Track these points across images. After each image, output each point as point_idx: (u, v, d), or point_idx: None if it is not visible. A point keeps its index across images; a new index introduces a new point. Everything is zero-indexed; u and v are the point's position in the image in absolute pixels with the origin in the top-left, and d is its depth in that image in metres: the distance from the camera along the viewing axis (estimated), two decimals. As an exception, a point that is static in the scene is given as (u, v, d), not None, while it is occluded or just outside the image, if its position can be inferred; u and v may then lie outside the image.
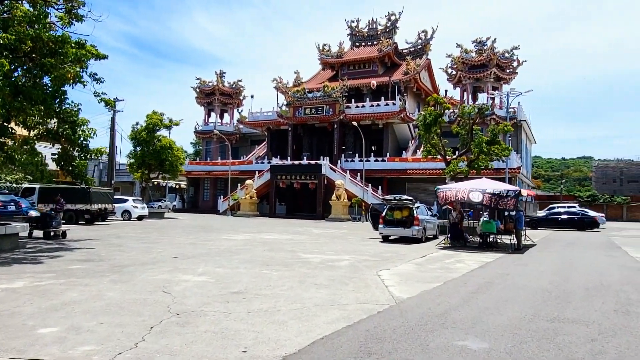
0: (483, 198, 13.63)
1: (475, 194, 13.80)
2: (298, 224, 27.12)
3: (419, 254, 12.72)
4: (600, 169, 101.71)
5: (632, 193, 73.38)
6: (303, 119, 39.68)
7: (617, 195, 63.55)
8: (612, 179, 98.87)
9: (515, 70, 36.00)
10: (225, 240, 15.29)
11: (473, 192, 13.86)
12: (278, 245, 14.02)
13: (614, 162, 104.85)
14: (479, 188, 14.15)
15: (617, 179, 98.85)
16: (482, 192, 13.80)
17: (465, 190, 14.04)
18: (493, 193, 13.61)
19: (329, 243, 15.33)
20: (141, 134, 29.59)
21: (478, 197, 13.72)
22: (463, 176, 22.85)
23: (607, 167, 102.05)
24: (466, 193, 13.94)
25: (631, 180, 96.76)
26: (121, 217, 25.76)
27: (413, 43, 47.93)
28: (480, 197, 13.74)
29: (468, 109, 22.75)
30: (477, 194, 13.80)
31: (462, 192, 14.02)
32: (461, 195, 13.97)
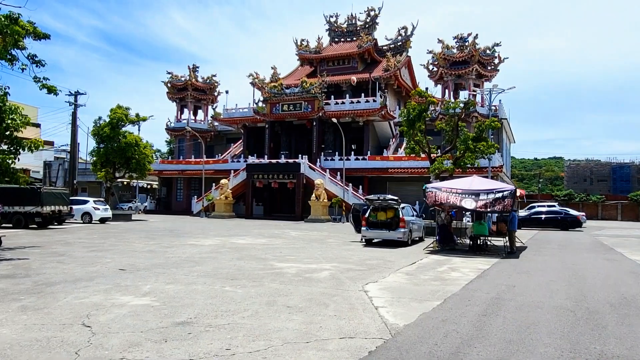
0: (477, 205, 12.37)
1: (469, 202, 12.51)
2: (275, 226, 25.54)
3: (408, 260, 11.38)
4: (572, 169, 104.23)
5: (602, 192, 74.99)
6: (280, 115, 38.05)
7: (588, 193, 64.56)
8: (583, 178, 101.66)
9: (496, 67, 35.38)
10: (190, 247, 13.60)
11: (465, 199, 12.55)
12: (250, 252, 12.44)
13: (584, 162, 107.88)
14: (472, 189, 12.92)
15: (588, 178, 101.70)
16: (476, 199, 12.51)
17: (457, 196, 12.74)
18: (487, 199, 12.36)
19: (307, 248, 13.85)
20: (104, 129, 27.34)
21: (471, 204, 12.45)
22: (448, 174, 21.76)
23: (578, 167, 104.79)
24: (458, 199, 12.65)
25: (601, 179, 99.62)
26: (81, 220, 23.57)
27: (393, 39, 46.97)
28: (473, 204, 12.46)
29: (453, 104, 21.67)
30: (469, 201, 12.51)
31: (453, 197, 12.72)
32: (453, 200, 12.67)
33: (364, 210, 15.77)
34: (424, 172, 34.58)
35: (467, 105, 20.22)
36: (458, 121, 20.51)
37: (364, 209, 15.81)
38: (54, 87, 12.44)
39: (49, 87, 12.25)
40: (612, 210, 57.04)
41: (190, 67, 44.03)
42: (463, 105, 20.24)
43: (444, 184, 13.84)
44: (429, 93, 44.94)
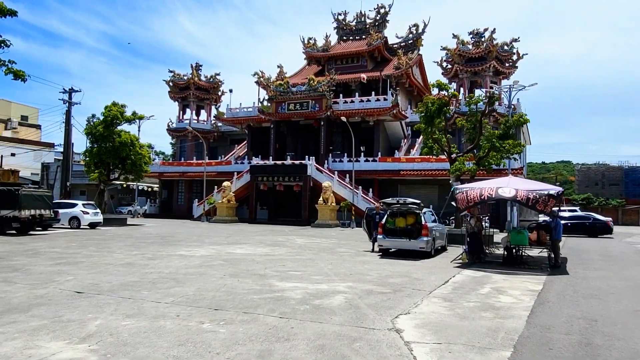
0: (517, 194, 10.39)
1: (506, 189, 10.58)
2: (280, 232, 23.57)
3: (438, 277, 9.34)
4: (583, 173, 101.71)
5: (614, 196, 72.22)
6: (286, 115, 36.18)
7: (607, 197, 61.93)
8: (595, 182, 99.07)
9: (515, 64, 33.25)
10: (178, 258, 11.65)
11: (503, 188, 10.64)
12: (247, 266, 10.47)
13: (595, 166, 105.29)
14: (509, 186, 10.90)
15: (599, 182, 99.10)
16: (515, 188, 10.59)
17: (492, 188, 10.79)
18: (530, 193, 10.36)
19: (315, 260, 11.85)
20: (97, 128, 25.61)
21: (510, 192, 10.49)
22: (470, 176, 19.68)
23: (589, 171, 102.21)
24: (493, 190, 10.69)
25: (613, 183, 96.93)
26: (68, 224, 21.77)
27: (404, 37, 45.05)
28: (512, 192, 10.50)
29: (475, 99, 19.62)
30: (507, 189, 10.58)
31: (488, 190, 10.74)
32: (487, 193, 10.68)
33: (379, 216, 13.77)
34: (438, 174, 32.50)
35: (491, 99, 18.16)
36: (482, 117, 18.44)
37: (379, 214, 13.82)
38: (21, 72, 10.70)
39: (16, 72, 10.46)
40: (633, 215, 54.48)
41: (193, 66, 42.40)
42: (487, 100, 18.17)
43: (475, 184, 11.79)
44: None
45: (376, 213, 14.23)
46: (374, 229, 14.06)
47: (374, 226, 14.10)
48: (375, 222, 13.88)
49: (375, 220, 13.95)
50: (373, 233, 14.06)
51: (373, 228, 14.15)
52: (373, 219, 14.32)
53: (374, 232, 13.77)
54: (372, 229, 14.16)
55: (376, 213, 14.23)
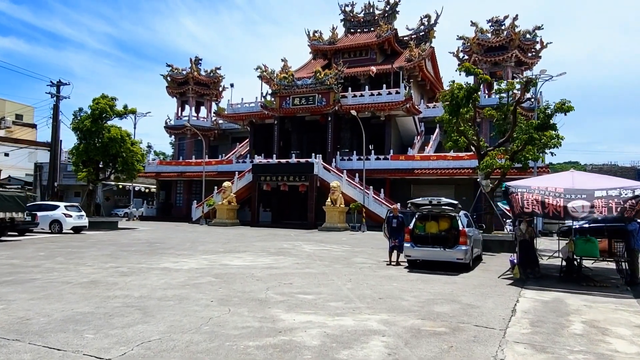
0: (595, 209, 7.92)
1: (578, 203, 8.07)
2: (284, 236, 21.27)
3: (497, 302, 6.99)
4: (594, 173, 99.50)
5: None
6: (291, 110, 33.90)
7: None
8: None
9: (538, 53, 30.82)
10: (159, 274, 9.36)
11: (574, 200, 8.12)
12: (243, 285, 8.17)
13: (607, 166, 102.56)
14: (580, 188, 8.50)
15: None
16: (590, 199, 8.10)
17: (559, 197, 8.32)
18: (615, 199, 7.93)
19: (329, 275, 9.52)
20: (84, 122, 23.42)
21: (585, 209, 8.01)
22: (500, 174, 17.31)
23: (601, 171, 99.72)
24: (561, 200, 8.23)
25: None
26: (49, 229, 19.57)
27: (415, 29, 42.74)
28: (585, 207, 8.02)
29: (507, 85, 17.25)
30: (581, 203, 8.07)
31: (554, 198, 8.30)
32: (554, 204, 8.23)
33: (399, 219, 11.35)
34: (455, 173, 30.08)
35: (528, 84, 15.75)
36: (517, 105, 16.05)
37: (398, 218, 11.40)
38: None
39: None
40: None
41: (192, 60, 40.24)
42: (524, 85, 15.77)
43: (531, 182, 9.39)
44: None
45: (394, 216, 11.49)
46: (394, 235, 11.30)
47: (392, 231, 11.37)
48: (394, 227, 11.26)
49: (393, 226, 11.27)
50: (393, 241, 11.30)
51: (391, 234, 11.38)
52: (390, 224, 11.43)
53: (397, 239, 11.22)
54: (396, 235, 11.46)
55: (394, 216, 11.49)
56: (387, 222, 11.51)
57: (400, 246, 11.00)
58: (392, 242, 11.30)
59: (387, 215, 11.80)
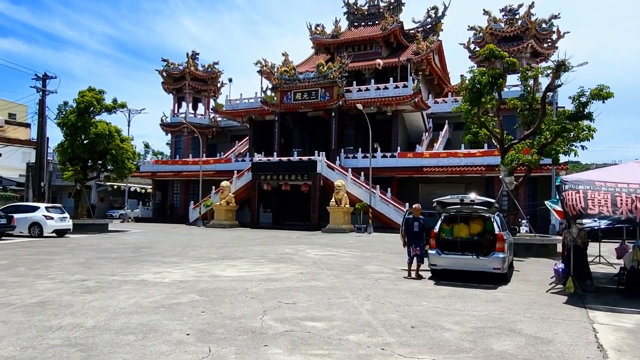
0: None
1: None
2: (286, 239, 19.54)
3: (566, 331, 5.24)
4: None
5: None
6: (293, 106, 32.19)
7: None
8: None
9: (555, 43, 29.06)
10: (131, 289, 7.64)
11: None
12: (234, 307, 6.44)
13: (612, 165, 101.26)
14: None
15: None
16: None
17: (632, 195, 6.57)
18: None
19: (341, 290, 7.78)
20: (69, 117, 21.72)
21: None
22: (526, 170, 15.56)
23: None
24: (638, 202, 6.47)
25: None
26: (28, 232, 17.88)
27: (421, 22, 40.96)
28: None
29: (533, 71, 15.51)
30: None
31: (627, 195, 6.55)
32: (627, 203, 6.48)
33: (420, 222, 9.54)
34: (467, 171, 28.30)
35: (559, 68, 13.97)
36: (547, 92, 14.30)
37: (420, 220, 9.45)
38: None
39: None
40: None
41: (189, 54, 38.56)
42: (555, 69, 14.00)
43: (589, 175, 7.63)
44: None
45: (414, 218, 9.33)
46: (415, 242, 9.15)
47: (412, 237, 9.16)
48: (415, 232, 9.12)
49: (414, 230, 9.12)
50: (414, 248, 9.16)
51: (411, 240, 9.17)
52: (410, 227, 9.18)
53: (418, 247, 9.16)
54: (417, 242, 9.27)
55: (414, 218, 9.33)
56: (405, 226, 9.37)
57: (422, 255, 9.12)
58: (412, 250, 9.23)
59: (406, 217, 9.79)
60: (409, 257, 9.32)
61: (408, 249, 9.22)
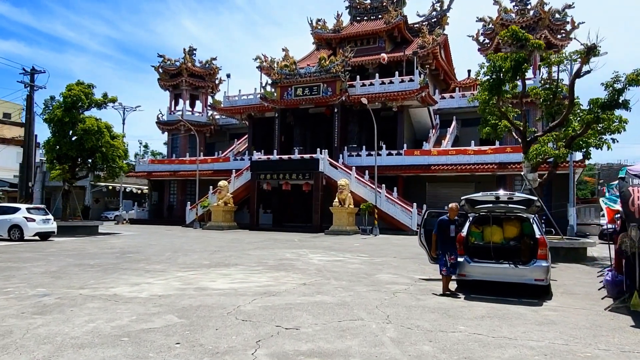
0: None
1: None
2: (287, 242, 18.15)
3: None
4: (603, 173, 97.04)
5: None
6: (294, 102, 30.80)
7: None
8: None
9: (569, 34, 27.64)
10: (97, 308, 6.24)
11: None
12: (218, 335, 5.04)
13: (617, 165, 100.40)
14: None
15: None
16: None
17: None
18: None
19: (353, 307, 6.37)
20: (55, 112, 20.36)
21: None
22: (552, 166, 14.15)
23: (610, 170, 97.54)
24: None
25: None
26: (8, 235, 16.51)
27: (426, 16, 39.64)
28: None
29: (556, 57, 14.10)
30: None
31: None
32: None
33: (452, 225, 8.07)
34: (477, 169, 26.85)
35: (590, 52, 12.55)
36: (575, 78, 12.90)
37: (455, 222, 7.90)
38: None
39: None
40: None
41: (185, 50, 37.22)
42: (585, 52, 12.58)
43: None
44: (468, 80, 37.05)
45: (450, 220, 7.46)
46: (449, 249, 7.38)
47: (446, 243, 7.41)
48: (450, 238, 7.36)
49: (450, 235, 7.35)
50: (449, 257, 7.34)
51: (445, 247, 7.42)
52: (444, 231, 7.40)
53: (453, 255, 7.35)
54: (453, 249, 7.44)
55: (450, 220, 7.46)
56: (439, 229, 7.43)
57: (456, 264, 7.43)
58: (447, 259, 7.32)
59: (439, 218, 7.64)
60: (444, 268, 7.34)
61: (442, 258, 7.42)
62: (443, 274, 7.39)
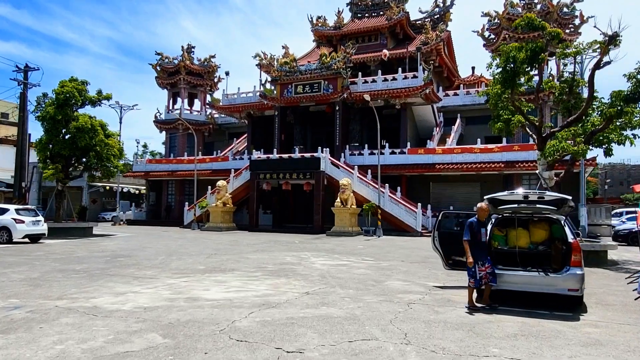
0: None
1: None
2: (287, 244, 17.34)
3: None
4: (606, 171, 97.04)
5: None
6: (294, 99, 30.00)
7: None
8: (619, 181, 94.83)
9: (578, 29, 26.84)
10: (70, 324, 5.44)
11: None
12: (205, 357, 4.22)
13: (620, 165, 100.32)
14: None
15: (625, 181, 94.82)
16: None
17: None
18: None
19: (364, 323, 5.57)
20: (47, 109, 19.58)
21: None
22: (569, 164, 13.36)
23: (613, 170, 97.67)
24: None
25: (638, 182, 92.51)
26: (-6, 238, 15.75)
27: (429, 12, 38.81)
28: None
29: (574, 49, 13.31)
30: None
31: None
32: None
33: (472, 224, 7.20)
34: (483, 168, 26.00)
35: (611, 41, 11.75)
36: (595, 69, 12.10)
37: (481, 223, 6.54)
38: None
39: None
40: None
41: (184, 47, 36.43)
42: (605, 43, 11.78)
43: None
44: (472, 78, 36.16)
45: (480, 222, 6.50)
46: (481, 256, 6.36)
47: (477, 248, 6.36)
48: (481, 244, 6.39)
49: (482, 240, 6.40)
50: (484, 266, 6.34)
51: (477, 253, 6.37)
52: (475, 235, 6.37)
53: (488, 263, 6.36)
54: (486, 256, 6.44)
55: (480, 222, 6.50)
56: (470, 232, 6.34)
57: (494, 272, 6.41)
58: (478, 270, 6.31)
59: (469, 220, 6.53)
60: (474, 280, 6.31)
61: (474, 267, 6.29)
62: (470, 286, 6.39)
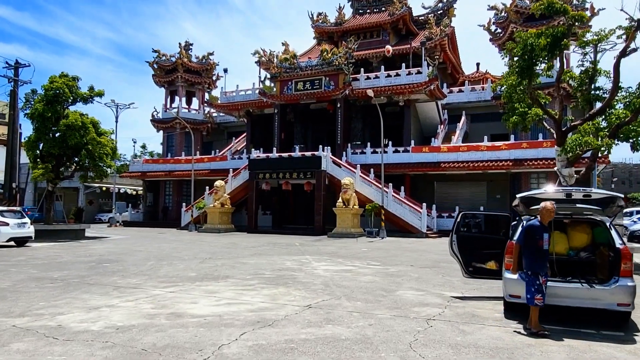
0: None
1: None
2: (288, 247, 16.39)
3: None
4: (607, 172, 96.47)
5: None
6: (294, 97, 29.07)
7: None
8: (622, 181, 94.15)
9: (588, 21, 25.79)
10: (21, 351, 4.46)
11: None
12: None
13: (622, 164, 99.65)
14: None
15: (627, 180, 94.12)
16: None
17: None
18: None
19: (380, 349, 4.61)
20: (36, 106, 18.66)
21: None
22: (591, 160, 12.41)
23: (615, 169, 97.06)
24: None
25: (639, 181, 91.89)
26: (-25, 242, 14.84)
27: (432, 7, 37.88)
28: None
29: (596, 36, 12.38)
30: None
31: None
32: None
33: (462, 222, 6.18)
34: (490, 166, 25.03)
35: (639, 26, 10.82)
36: (621, 57, 11.16)
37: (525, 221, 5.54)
38: None
39: None
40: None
41: (181, 45, 35.52)
42: (633, 29, 10.83)
43: None
44: (477, 74, 35.15)
45: (542, 226, 5.17)
46: (541, 266, 5.17)
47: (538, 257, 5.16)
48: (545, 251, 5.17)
49: (544, 248, 5.13)
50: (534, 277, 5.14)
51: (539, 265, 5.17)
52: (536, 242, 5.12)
53: (539, 274, 5.13)
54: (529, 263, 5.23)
55: (542, 226, 5.17)
56: (527, 238, 5.18)
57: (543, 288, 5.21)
58: (540, 281, 5.11)
59: (528, 223, 5.31)
60: (540, 295, 5.08)
61: (532, 280, 5.11)
62: (537, 304, 5.09)
